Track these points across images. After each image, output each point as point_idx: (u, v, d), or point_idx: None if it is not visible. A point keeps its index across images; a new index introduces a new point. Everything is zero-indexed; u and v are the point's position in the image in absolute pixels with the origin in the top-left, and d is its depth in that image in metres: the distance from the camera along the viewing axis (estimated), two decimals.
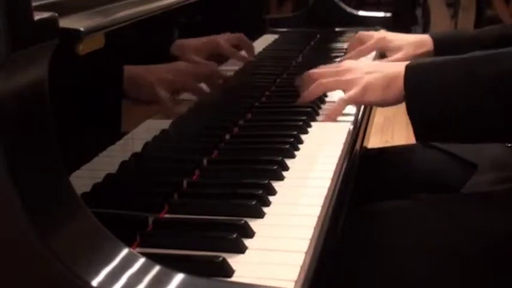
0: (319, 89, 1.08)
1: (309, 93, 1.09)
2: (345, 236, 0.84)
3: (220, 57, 1.22)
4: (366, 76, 1.03)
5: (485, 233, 0.91)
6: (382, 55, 1.44)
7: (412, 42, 1.33)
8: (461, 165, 1.15)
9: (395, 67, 1.00)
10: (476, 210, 0.96)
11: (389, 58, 1.34)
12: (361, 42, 1.41)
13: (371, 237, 0.96)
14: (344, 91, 1.06)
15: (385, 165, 1.24)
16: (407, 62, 0.99)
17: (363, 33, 1.45)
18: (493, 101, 0.90)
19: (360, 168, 0.99)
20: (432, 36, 1.32)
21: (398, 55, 1.32)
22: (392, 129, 3.26)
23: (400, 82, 0.96)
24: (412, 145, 1.34)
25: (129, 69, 0.85)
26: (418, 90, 0.95)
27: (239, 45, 1.32)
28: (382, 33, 1.43)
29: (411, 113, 0.94)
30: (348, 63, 1.11)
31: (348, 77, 1.05)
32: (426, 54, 1.30)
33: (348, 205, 0.86)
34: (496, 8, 4.30)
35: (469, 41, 1.28)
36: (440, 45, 1.30)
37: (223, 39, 1.23)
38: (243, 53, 1.34)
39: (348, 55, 1.40)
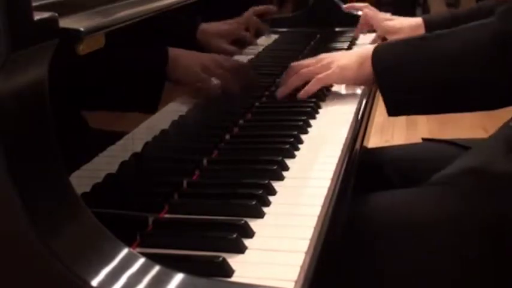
0: (300, 77, 1.16)
1: (289, 84, 1.16)
2: (345, 236, 0.84)
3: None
4: (341, 59, 1.14)
5: (487, 230, 0.91)
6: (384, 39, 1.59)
7: (408, 26, 1.49)
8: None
9: (367, 49, 1.12)
10: (478, 205, 0.95)
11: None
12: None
13: (371, 237, 0.96)
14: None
15: (386, 165, 1.24)
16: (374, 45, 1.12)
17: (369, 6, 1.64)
18: (451, 71, 1.00)
19: (360, 167, 0.99)
20: (424, 21, 1.46)
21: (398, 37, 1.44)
22: (392, 129, 3.26)
23: (370, 61, 1.08)
24: (413, 144, 1.35)
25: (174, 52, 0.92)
26: (384, 67, 1.06)
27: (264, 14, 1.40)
28: (384, 17, 1.60)
29: (381, 89, 1.05)
30: (324, 54, 1.21)
31: (324, 62, 1.16)
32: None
33: (347, 205, 0.86)
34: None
35: (460, 20, 1.29)
36: (432, 27, 1.39)
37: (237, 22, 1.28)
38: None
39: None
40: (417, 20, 1.51)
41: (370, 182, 1.17)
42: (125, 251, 0.57)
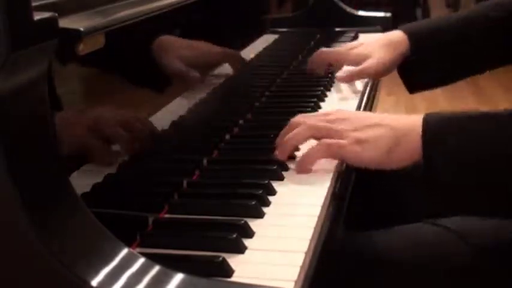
0: (306, 133, 0.86)
1: (293, 137, 0.86)
2: (344, 235, 0.84)
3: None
4: (368, 129, 0.82)
5: (484, 250, 0.90)
6: None
7: (382, 45, 1.18)
8: None
9: (407, 119, 0.82)
10: (476, 225, 0.94)
11: (362, 66, 1.18)
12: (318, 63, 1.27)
13: (371, 237, 0.96)
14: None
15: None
16: (420, 116, 0.80)
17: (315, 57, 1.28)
18: None
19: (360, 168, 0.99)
20: (405, 31, 1.18)
21: (372, 62, 1.18)
22: None
23: (415, 137, 0.79)
24: None
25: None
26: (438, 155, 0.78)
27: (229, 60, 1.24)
28: (343, 47, 1.28)
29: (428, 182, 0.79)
30: (342, 111, 0.90)
31: (339, 126, 0.84)
32: (400, 54, 1.18)
33: (347, 205, 0.86)
34: None
35: (450, 34, 1.17)
36: (418, 42, 1.16)
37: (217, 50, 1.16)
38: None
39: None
40: (392, 35, 1.20)
41: (370, 182, 1.17)
42: (125, 251, 0.57)
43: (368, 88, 1.24)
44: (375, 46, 1.20)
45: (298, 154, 0.87)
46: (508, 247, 0.90)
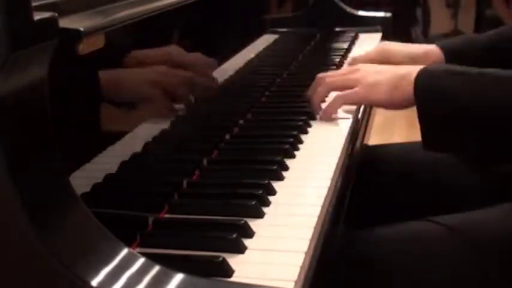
0: (325, 89, 1.05)
1: (317, 94, 1.06)
2: (345, 236, 0.84)
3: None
4: (374, 74, 0.98)
5: (487, 251, 0.90)
6: None
7: (416, 55, 1.21)
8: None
9: (406, 68, 0.95)
10: (480, 230, 0.94)
11: None
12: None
13: (371, 237, 0.96)
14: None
15: (386, 163, 1.23)
16: (419, 66, 0.92)
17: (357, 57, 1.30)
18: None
19: (361, 166, 0.99)
20: (441, 47, 1.21)
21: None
22: (392, 129, 3.27)
23: (409, 83, 0.90)
24: (413, 143, 1.34)
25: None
26: (429, 94, 0.89)
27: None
28: (383, 44, 1.32)
29: (421, 115, 0.88)
30: (355, 65, 1.08)
31: (356, 75, 1.01)
32: None
33: (348, 205, 0.86)
34: (496, 8, 4.30)
35: (481, 52, 1.19)
36: (450, 58, 1.19)
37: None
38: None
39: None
40: (427, 47, 1.22)
41: (370, 181, 1.17)
42: (125, 251, 0.57)
43: None
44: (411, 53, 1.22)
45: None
46: (508, 245, 0.90)
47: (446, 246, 0.92)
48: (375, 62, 1.20)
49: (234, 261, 0.63)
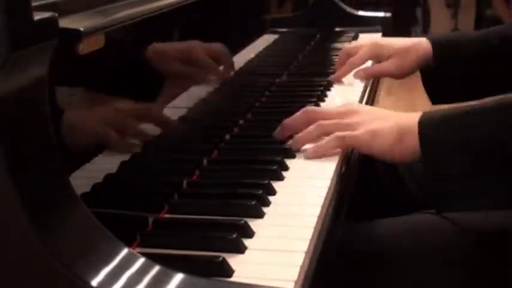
0: (316, 132, 0.91)
1: (305, 136, 0.91)
2: (345, 236, 0.84)
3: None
4: (373, 121, 0.89)
5: (488, 244, 0.90)
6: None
7: (406, 48, 1.22)
8: None
9: (408, 119, 0.88)
10: (480, 220, 0.94)
11: (382, 64, 1.24)
12: (349, 55, 1.27)
13: (371, 238, 0.96)
14: None
15: (386, 164, 1.23)
16: (418, 115, 0.87)
17: (349, 47, 1.31)
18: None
19: (361, 166, 0.99)
20: (430, 40, 1.21)
21: (393, 62, 1.23)
22: None
23: (414, 138, 0.85)
24: None
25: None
26: (436, 152, 0.84)
27: (218, 58, 1.18)
28: (373, 40, 1.31)
29: (428, 175, 0.84)
30: (351, 105, 0.97)
31: (355, 119, 0.90)
32: (423, 59, 1.21)
33: (348, 205, 0.86)
34: (496, 8, 4.30)
35: (469, 46, 1.20)
36: (439, 51, 1.20)
37: (200, 47, 1.10)
38: (221, 68, 1.20)
39: (340, 70, 1.26)
40: (415, 40, 1.24)
41: (370, 180, 1.17)
42: (125, 251, 0.57)
43: (368, 89, 1.24)
44: (398, 46, 1.23)
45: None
46: (508, 238, 0.91)
47: (446, 238, 0.92)
48: (366, 56, 1.25)
49: (234, 261, 0.63)
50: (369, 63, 1.29)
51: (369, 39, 1.39)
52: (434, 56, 1.20)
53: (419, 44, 1.21)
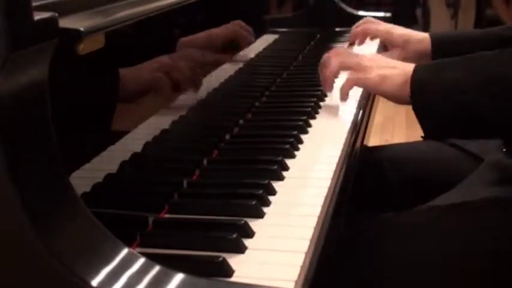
0: (337, 66, 1.08)
1: (329, 69, 1.08)
2: (345, 236, 0.84)
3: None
4: (383, 67, 1.03)
5: (487, 245, 0.91)
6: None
7: (413, 40, 1.34)
8: (466, 158, 1.15)
9: (410, 67, 1.00)
10: (477, 221, 0.95)
11: (389, 53, 1.36)
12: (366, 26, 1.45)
13: (371, 238, 0.96)
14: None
15: (386, 164, 1.23)
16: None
17: (371, 19, 1.48)
18: (487, 102, 0.91)
19: (361, 166, 0.99)
20: (431, 37, 1.32)
21: (399, 52, 1.34)
22: (392, 129, 3.26)
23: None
24: (413, 142, 1.35)
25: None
26: (422, 89, 0.96)
27: (238, 34, 1.30)
28: (390, 26, 1.44)
29: (417, 110, 0.96)
30: (365, 54, 1.11)
31: (369, 63, 1.05)
32: (423, 53, 1.31)
33: (348, 205, 0.86)
34: (496, 8, 4.30)
35: (467, 45, 1.28)
36: (439, 47, 1.31)
37: (218, 30, 1.21)
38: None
39: (355, 34, 1.45)
40: (418, 33, 1.39)
41: (370, 181, 1.17)
42: (125, 251, 0.57)
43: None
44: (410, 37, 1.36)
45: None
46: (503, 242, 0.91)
47: (447, 238, 0.92)
48: (377, 35, 1.42)
49: (234, 261, 0.63)
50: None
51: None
52: (432, 54, 1.29)
53: (423, 39, 1.32)
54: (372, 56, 1.10)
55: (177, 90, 0.97)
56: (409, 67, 1.00)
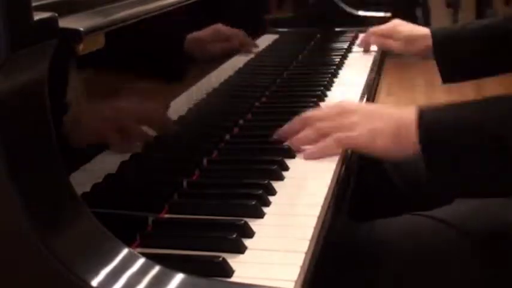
0: (314, 135, 0.90)
1: (302, 138, 0.91)
2: (345, 236, 0.84)
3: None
4: (371, 120, 0.88)
5: (485, 245, 0.91)
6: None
7: (415, 37, 1.40)
8: None
9: (405, 113, 0.87)
10: (475, 222, 0.95)
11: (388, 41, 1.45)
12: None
13: (371, 238, 0.96)
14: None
15: (387, 164, 1.23)
16: (412, 109, 0.86)
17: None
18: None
19: (360, 166, 0.99)
20: (432, 33, 1.37)
21: (400, 47, 1.43)
22: None
23: (413, 132, 0.84)
24: None
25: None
26: (435, 146, 0.83)
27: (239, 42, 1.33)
28: (396, 22, 1.50)
29: (431, 169, 0.83)
30: (347, 104, 0.96)
31: (352, 119, 0.89)
32: (424, 48, 1.38)
33: (348, 205, 0.86)
34: (496, 8, 4.30)
35: (468, 40, 1.33)
36: (438, 43, 1.36)
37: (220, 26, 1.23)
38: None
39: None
40: (419, 27, 1.44)
41: (371, 181, 1.17)
42: (125, 251, 0.57)
43: (368, 88, 1.24)
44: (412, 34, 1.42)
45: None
46: (504, 236, 0.91)
47: (447, 239, 0.92)
48: (383, 33, 1.48)
49: (234, 261, 0.63)
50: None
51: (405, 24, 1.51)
52: (433, 49, 1.35)
53: (424, 36, 1.38)
54: (352, 107, 0.93)
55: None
56: (397, 113, 0.89)
